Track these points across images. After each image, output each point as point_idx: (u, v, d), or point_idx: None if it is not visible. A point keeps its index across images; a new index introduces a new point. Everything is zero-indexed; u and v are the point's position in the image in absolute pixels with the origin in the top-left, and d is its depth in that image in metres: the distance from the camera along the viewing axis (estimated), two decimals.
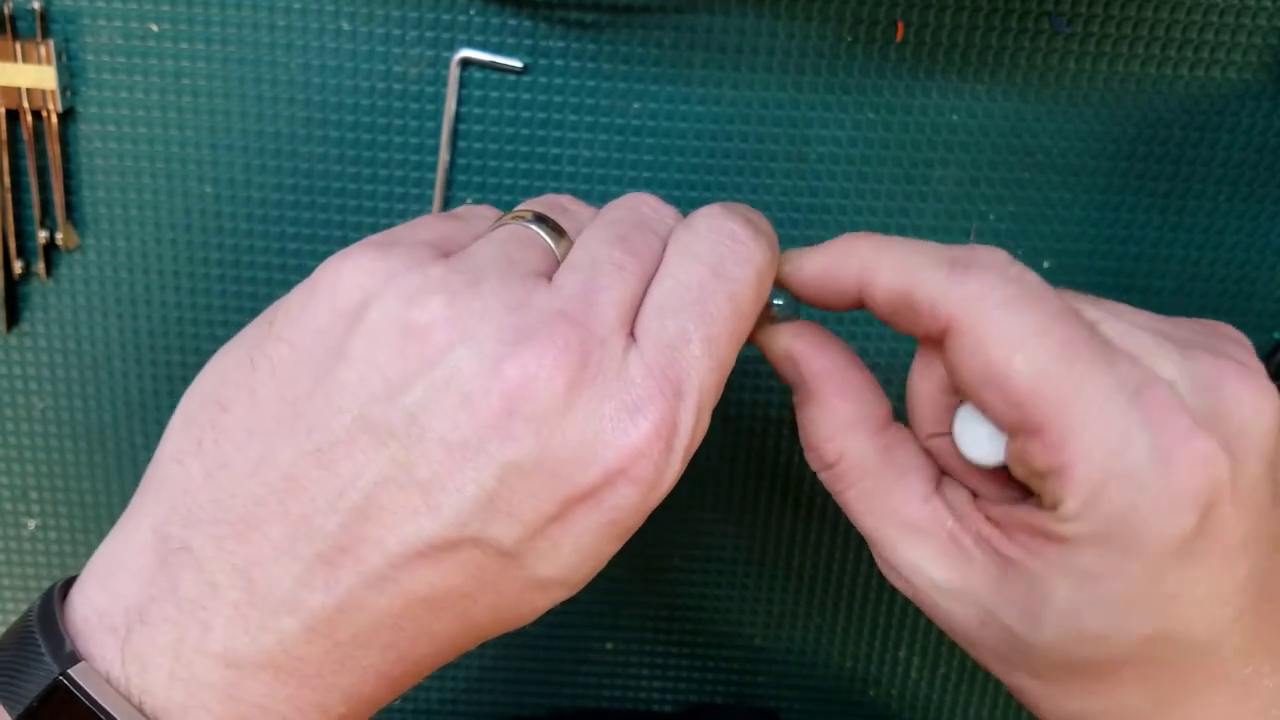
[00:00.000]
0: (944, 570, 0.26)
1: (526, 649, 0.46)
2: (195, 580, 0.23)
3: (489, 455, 0.22)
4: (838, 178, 0.39)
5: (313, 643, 0.23)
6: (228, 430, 0.24)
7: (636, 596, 0.45)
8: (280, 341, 0.24)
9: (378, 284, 0.24)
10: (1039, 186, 0.40)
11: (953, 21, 0.38)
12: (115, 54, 0.38)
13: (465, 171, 0.39)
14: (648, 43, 0.38)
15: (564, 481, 0.23)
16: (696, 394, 0.24)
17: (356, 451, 0.23)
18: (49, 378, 0.42)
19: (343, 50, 0.38)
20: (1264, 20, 0.37)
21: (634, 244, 0.25)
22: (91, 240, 0.40)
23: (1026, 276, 0.25)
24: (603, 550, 0.24)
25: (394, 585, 0.23)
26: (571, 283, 0.24)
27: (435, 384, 0.22)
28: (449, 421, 0.22)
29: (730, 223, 0.26)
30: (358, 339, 0.23)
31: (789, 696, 0.47)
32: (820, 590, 0.45)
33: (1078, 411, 0.23)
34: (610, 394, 0.23)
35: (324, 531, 0.23)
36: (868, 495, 0.27)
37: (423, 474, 0.22)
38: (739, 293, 0.25)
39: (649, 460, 0.23)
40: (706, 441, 0.43)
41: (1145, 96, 0.39)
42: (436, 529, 0.22)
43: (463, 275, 0.24)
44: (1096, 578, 0.23)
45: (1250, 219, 0.40)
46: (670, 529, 0.44)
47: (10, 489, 0.44)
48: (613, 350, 0.23)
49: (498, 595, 0.24)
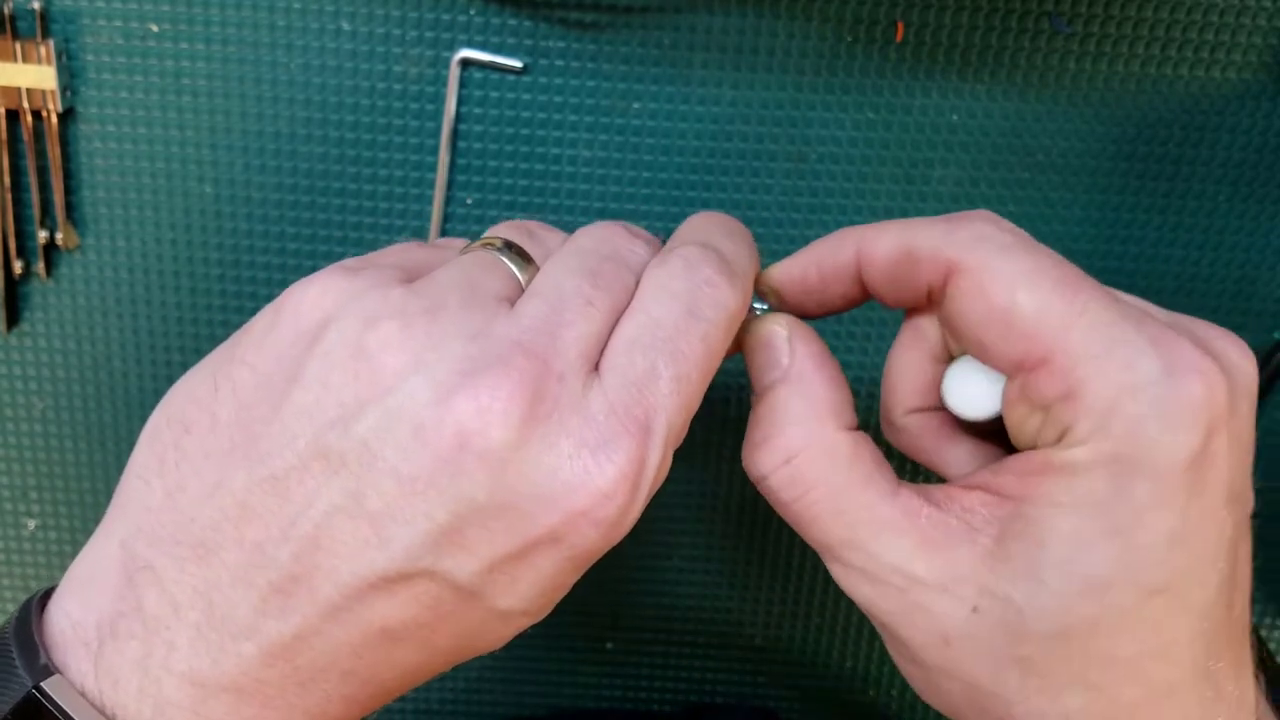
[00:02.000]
0: (928, 561, 0.25)
1: (526, 649, 0.46)
2: (159, 599, 0.23)
3: (440, 489, 0.22)
4: (838, 178, 0.39)
5: (272, 667, 0.23)
6: (188, 452, 0.24)
7: (636, 596, 0.45)
8: (243, 365, 0.24)
9: (339, 305, 0.23)
10: (1039, 186, 0.40)
11: (953, 21, 0.38)
12: (115, 54, 0.38)
13: (465, 171, 0.39)
14: (648, 43, 0.38)
15: (521, 519, 0.22)
16: (664, 431, 0.23)
17: (308, 479, 0.22)
18: (49, 378, 0.42)
19: (343, 50, 0.38)
20: (1264, 20, 0.37)
21: (604, 278, 0.25)
22: (91, 240, 0.40)
23: (1019, 231, 0.25)
24: (564, 581, 0.24)
25: (349, 615, 0.22)
26: (533, 312, 0.24)
27: (388, 412, 0.22)
28: (400, 452, 0.22)
29: (707, 266, 0.25)
30: (314, 361, 0.23)
31: (789, 696, 0.47)
32: (820, 590, 0.45)
33: (1085, 336, 0.23)
34: (568, 430, 0.22)
35: (277, 560, 0.22)
36: (834, 495, 0.26)
37: (373, 505, 0.22)
38: (710, 334, 0.25)
39: (614, 503, 0.23)
40: (707, 443, 0.43)
41: (1145, 96, 0.39)
42: (386, 562, 0.22)
43: (423, 300, 0.24)
44: (1103, 506, 0.23)
45: (1250, 219, 0.40)
46: (670, 529, 0.44)
47: (10, 489, 0.44)
48: (571, 386, 0.23)
49: (458, 626, 0.23)
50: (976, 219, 0.25)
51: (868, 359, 0.42)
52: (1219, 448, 0.23)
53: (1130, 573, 0.23)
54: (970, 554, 0.24)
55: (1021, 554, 0.24)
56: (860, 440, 0.26)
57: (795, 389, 0.27)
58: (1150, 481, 0.22)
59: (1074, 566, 0.23)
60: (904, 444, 0.29)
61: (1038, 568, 0.23)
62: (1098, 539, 0.23)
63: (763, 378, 0.27)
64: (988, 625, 0.24)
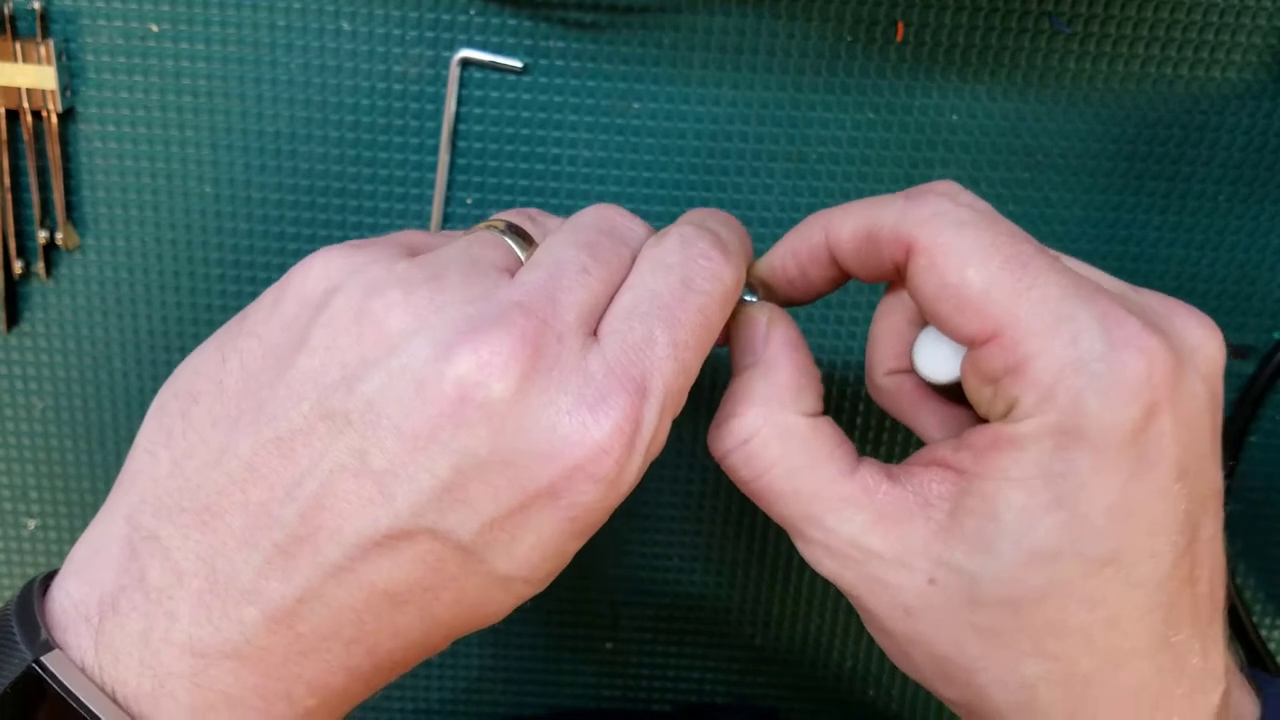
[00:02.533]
0: (883, 535, 0.25)
1: (527, 649, 0.46)
2: (162, 569, 0.23)
3: (442, 444, 0.22)
4: (838, 178, 0.39)
5: (275, 633, 0.23)
6: (196, 421, 0.24)
7: (636, 596, 0.45)
8: (250, 336, 0.25)
9: (343, 276, 0.24)
10: (1039, 186, 0.40)
11: (953, 21, 0.38)
12: (115, 54, 0.38)
13: (465, 171, 0.39)
14: (648, 43, 0.38)
15: (521, 474, 0.23)
16: (661, 393, 0.24)
17: (314, 440, 0.23)
18: (49, 378, 0.42)
19: (343, 50, 0.38)
20: (1264, 20, 0.37)
21: (601, 250, 0.26)
22: (91, 240, 0.40)
23: (978, 204, 0.26)
24: (565, 547, 0.24)
25: (352, 576, 0.23)
26: (533, 279, 0.24)
27: (391, 372, 0.23)
28: (402, 409, 0.22)
29: (702, 241, 0.26)
30: (319, 328, 0.23)
31: (789, 696, 0.47)
32: (820, 590, 0.45)
33: (1032, 311, 0.23)
34: (568, 387, 0.23)
35: (282, 521, 0.23)
36: (791, 474, 0.26)
37: (378, 463, 0.22)
38: (707, 305, 0.25)
39: (611, 458, 0.23)
40: (705, 443, 0.43)
41: (1145, 96, 0.39)
42: (391, 519, 0.22)
43: (425, 270, 0.24)
44: (1049, 476, 0.23)
45: (1250, 219, 0.40)
46: (670, 529, 0.44)
47: (10, 489, 0.44)
48: (570, 344, 0.24)
49: (460, 591, 0.24)
50: (933, 194, 0.26)
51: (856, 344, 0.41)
52: (1163, 425, 0.23)
53: (1075, 544, 0.23)
54: (925, 528, 0.25)
55: (975, 528, 0.24)
56: (820, 423, 0.27)
57: (761, 373, 0.27)
58: (1091, 454, 0.23)
59: (1023, 538, 0.23)
60: (885, 404, 0.30)
61: (990, 540, 0.24)
62: (1044, 511, 0.23)
63: (739, 362, 0.28)
64: (944, 596, 0.25)
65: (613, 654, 0.46)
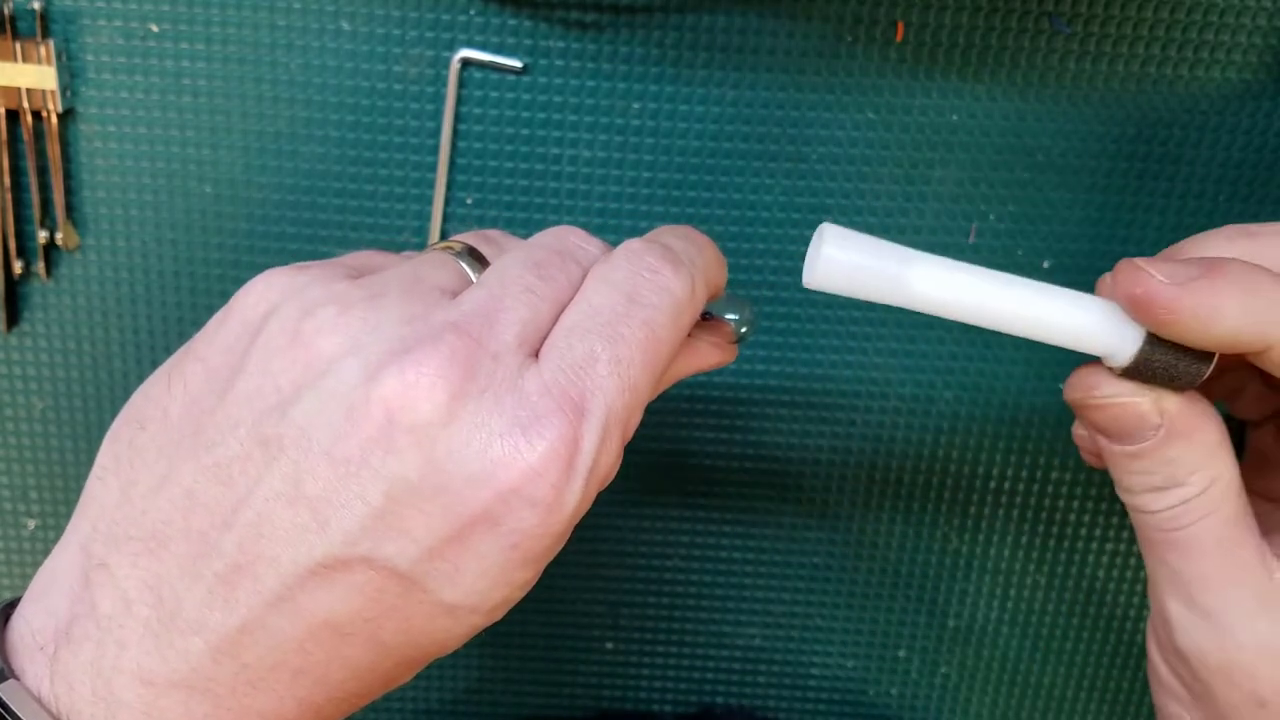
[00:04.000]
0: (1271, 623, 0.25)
1: (527, 649, 0.46)
2: (112, 597, 0.23)
3: (373, 469, 0.22)
4: (838, 178, 0.39)
5: (220, 663, 0.22)
6: (141, 448, 0.24)
7: (636, 596, 0.45)
8: (195, 360, 0.24)
9: (282, 297, 0.24)
10: (1039, 186, 0.40)
11: (953, 21, 0.38)
12: (115, 54, 0.38)
13: (465, 171, 0.39)
14: (648, 43, 0.38)
15: (455, 500, 0.22)
16: (602, 413, 0.23)
17: (250, 466, 0.22)
18: (49, 378, 0.42)
19: (343, 50, 0.38)
20: (1264, 20, 0.37)
21: (548, 270, 0.25)
22: (91, 240, 0.40)
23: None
24: (513, 577, 0.23)
25: (292, 606, 0.22)
26: (473, 298, 0.24)
27: (322, 395, 0.22)
28: (333, 434, 0.22)
29: (649, 255, 0.25)
30: (255, 350, 0.23)
31: (789, 696, 0.47)
32: (820, 590, 0.45)
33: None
34: (501, 409, 0.22)
35: (221, 549, 0.22)
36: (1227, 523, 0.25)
37: (311, 489, 0.22)
38: (654, 319, 0.24)
39: (546, 481, 0.22)
40: (706, 443, 0.43)
41: (1145, 96, 0.39)
42: (325, 548, 0.22)
43: (364, 290, 0.24)
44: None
45: (1250, 219, 0.40)
46: (669, 529, 0.44)
47: (10, 489, 0.44)
48: (506, 365, 0.23)
49: (405, 620, 0.23)
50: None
51: (867, 359, 0.42)
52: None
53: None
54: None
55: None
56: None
57: (1184, 443, 0.26)
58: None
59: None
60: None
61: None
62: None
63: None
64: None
65: (613, 654, 0.46)
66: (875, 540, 0.44)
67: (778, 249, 0.40)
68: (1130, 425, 0.25)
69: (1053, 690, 0.47)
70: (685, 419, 0.43)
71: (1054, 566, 0.45)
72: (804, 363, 0.42)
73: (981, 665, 0.46)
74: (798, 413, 0.42)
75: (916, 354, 0.41)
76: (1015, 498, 0.44)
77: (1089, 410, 0.26)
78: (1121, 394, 0.25)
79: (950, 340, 0.41)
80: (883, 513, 0.44)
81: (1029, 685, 0.47)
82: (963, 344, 0.41)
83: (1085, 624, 0.45)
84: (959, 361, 0.42)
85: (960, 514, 0.44)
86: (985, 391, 0.42)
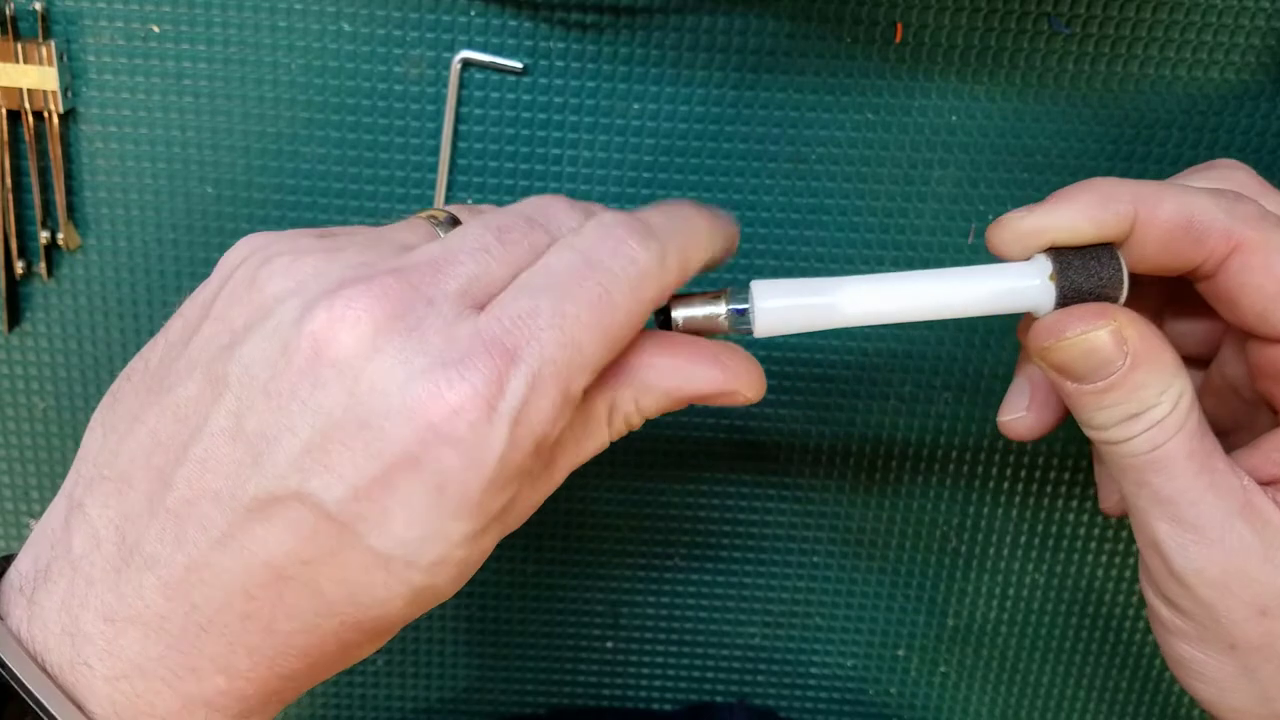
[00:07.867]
0: (1257, 528, 0.26)
1: (527, 648, 0.46)
2: (84, 537, 0.24)
3: (301, 402, 0.22)
4: (837, 178, 0.40)
5: (171, 601, 0.23)
6: (123, 397, 0.25)
7: (636, 596, 0.45)
8: (177, 316, 0.26)
9: (252, 252, 0.25)
10: (1039, 186, 0.40)
11: (952, 22, 0.38)
12: (116, 54, 0.38)
13: (465, 172, 0.39)
14: (648, 43, 0.38)
15: (376, 436, 0.22)
16: (535, 362, 0.23)
17: (201, 404, 0.23)
18: (50, 378, 0.42)
19: (343, 51, 0.38)
20: (1263, 20, 0.37)
21: (511, 234, 0.25)
22: (93, 240, 0.40)
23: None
24: (446, 529, 0.23)
25: (234, 544, 0.23)
26: (425, 251, 0.24)
27: (264, 334, 0.23)
28: (270, 370, 0.23)
29: (620, 227, 0.25)
30: (219, 299, 0.25)
31: (789, 696, 0.47)
32: (820, 590, 0.45)
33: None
34: (427, 349, 0.22)
35: (174, 484, 0.23)
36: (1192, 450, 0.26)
37: (250, 425, 0.23)
38: (611, 284, 0.24)
39: (463, 419, 0.22)
40: (706, 443, 0.43)
41: (1145, 96, 0.39)
42: (259, 481, 0.23)
43: (326, 244, 0.25)
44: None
45: None
46: (670, 529, 0.44)
47: (11, 489, 0.44)
48: (440, 310, 0.23)
49: (341, 569, 0.23)
50: (1243, 198, 0.27)
51: (867, 359, 0.42)
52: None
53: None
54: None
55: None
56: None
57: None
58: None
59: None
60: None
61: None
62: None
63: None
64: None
65: (613, 654, 0.46)
66: (875, 540, 0.44)
67: (778, 249, 0.40)
68: (1097, 361, 0.26)
69: (1052, 689, 0.47)
70: (685, 419, 0.43)
71: (1054, 566, 0.45)
72: (804, 362, 0.42)
73: (981, 664, 0.46)
74: (797, 413, 0.42)
75: (916, 354, 0.42)
76: (1015, 498, 0.44)
77: (1055, 354, 0.27)
78: (1087, 327, 0.26)
79: (950, 340, 0.41)
80: (882, 512, 0.44)
81: (1028, 684, 0.47)
82: (962, 344, 0.41)
83: (1084, 623, 0.46)
84: (959, 361, 0.42)
85: (960, 514, 0.44)
86: (985, 391, 0.42)
